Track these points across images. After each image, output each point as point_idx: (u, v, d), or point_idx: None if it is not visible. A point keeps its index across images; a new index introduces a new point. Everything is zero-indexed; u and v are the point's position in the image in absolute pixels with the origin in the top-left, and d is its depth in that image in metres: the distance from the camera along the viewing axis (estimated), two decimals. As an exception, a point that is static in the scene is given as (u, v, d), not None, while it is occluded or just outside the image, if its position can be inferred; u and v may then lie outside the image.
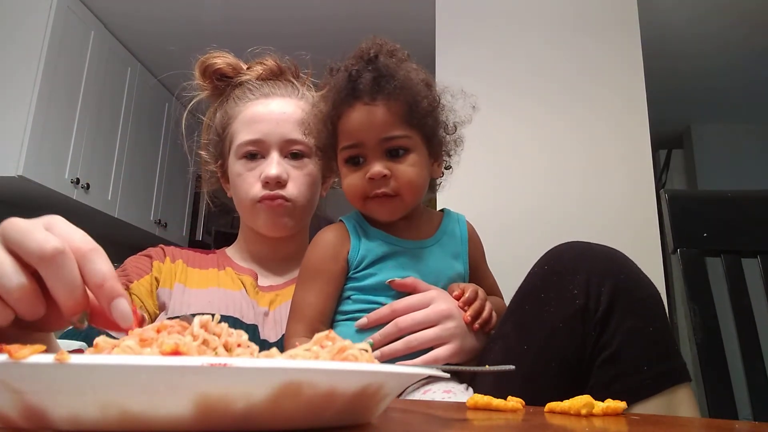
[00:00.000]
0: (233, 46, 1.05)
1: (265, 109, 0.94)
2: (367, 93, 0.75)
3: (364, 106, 0.75)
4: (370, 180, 0.76)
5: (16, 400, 0.28)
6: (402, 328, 0.74)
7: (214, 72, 1.00)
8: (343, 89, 0.76)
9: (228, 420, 0.28)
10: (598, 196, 2.06)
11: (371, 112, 0.75)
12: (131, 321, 0.41)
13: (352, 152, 0.78)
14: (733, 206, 0.93)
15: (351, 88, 0.75)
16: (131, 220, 3.14)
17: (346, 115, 0.77)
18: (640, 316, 0.66)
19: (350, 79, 0.76)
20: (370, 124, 0.75)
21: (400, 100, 0.75)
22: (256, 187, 0.92)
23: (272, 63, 1.01)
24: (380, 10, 2.73)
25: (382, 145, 0.76)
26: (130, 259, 0.95)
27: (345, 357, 0.35)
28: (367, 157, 0.77)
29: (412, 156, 0.77)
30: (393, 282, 0.78)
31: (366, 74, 0.75)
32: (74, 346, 0.79)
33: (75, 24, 2.70)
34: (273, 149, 0.92)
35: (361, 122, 0.75)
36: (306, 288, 0.79)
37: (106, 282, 0.41)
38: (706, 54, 3.10)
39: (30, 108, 2.41)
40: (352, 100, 0.76)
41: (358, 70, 0.76)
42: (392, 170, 0.76)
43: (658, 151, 3.99)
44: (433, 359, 0.73)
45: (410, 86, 0.76)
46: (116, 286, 0.41)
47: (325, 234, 0.82)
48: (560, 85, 2.19)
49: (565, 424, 0.41)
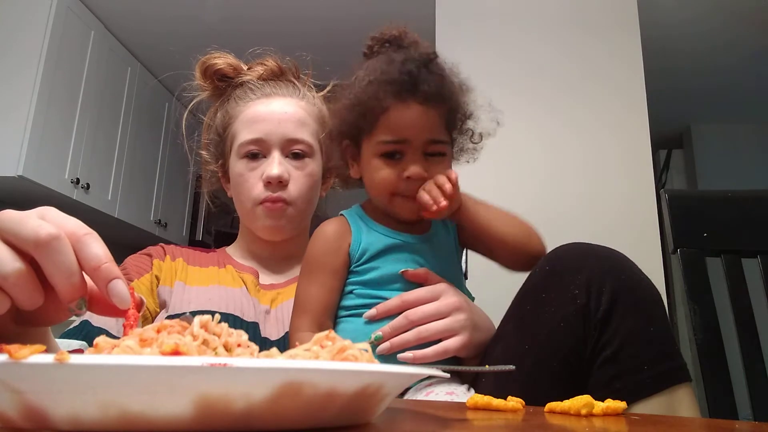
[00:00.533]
0: (233, 45, 1.05)
1: (267, 108, 0.94)
2: (424, 93, 0.75)
3: (419, 105, 0.75)
4: (407, 179, 0.76)
5: (16, 400, 0.28)
6: (412, 320, 0.74)
7: (214, 72, 1.00)
8: (398, 83, 0.75)
9: (228, 420, 0.28)
10: (598, 197, 2.06)
11: (425, 113, 0.75)
12: (129, 302, 0.41)
13: (394, 147, 0.77)
14: (733, 206, 0.93)
15: (410, 84, 0.75)
16: (131, 220, 3.14)
17: (396, 110, 0.75)
18: (640, 316, 0.66)
19: (410, 75, 0.75)
20: (421, 125, 0.75)
21: (447, 106, 0.77)
22: (258, 187, 0.92)
23: (273, 63, 1.01)
24: (380, 10, 2.74)
25: (425, 147, 0.77)
26: (130, 258, 0.95)
27: (345, 357, 0.35)
28: (406, 156, 0.77)
29: (446, 161, 0.79)
30: (406, 272, 0.78)
31: (426, 74, 0.75)
32: (74, 346, 0.79)
33: (75, 24, 2.70)
34: (274, 149, 0.92)
35: (413, 120, 0.75)
36: (309, 281, 0.79)
37: (103, 265, 0.41)
38: (706, 54, 3.10)
39: (30, 108, 2.41)
40: (406, 95, 0.75)
41: (418, 67, 0.75)
42: (430, 173, 0.76)
43: (658, 151, 3.99)
44: (443, 350, 0.73)
45: (456, 93, 0.78)
46: (113, 269, 0.41)
47: (326, 227, 0.82)
48: (560, 86, 2.19)
49: (565, 424, 0.41)
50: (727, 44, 3.01)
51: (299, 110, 0.95)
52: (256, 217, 0.93)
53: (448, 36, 2.29)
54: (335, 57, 0.83)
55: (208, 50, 1.01)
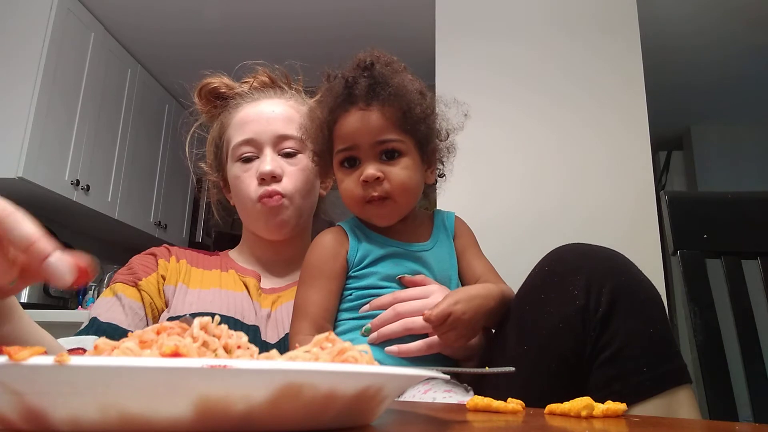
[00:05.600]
0: (233, 48, 1.06)
1: (255, 110, 0.98)
2: (362, 98, 0.78)
3: (360, 110, 0.78)
4: (364, 183, 0.78)
5: (16, 402, 0.28)
6: (399, 313, 0.77)
7: (209, 92, 1.04)
8: (340, 95, 0.79)
9: (228, 422, 0.28)
10: (598, 198, 2.06)
11: (366, 116, 0.78)
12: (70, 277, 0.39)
13: (347, 154, 0.80)
14: (733, 207, 0.93)
15: (347, 93, 0.78)
16: (131, 222, 3.14)
17: (342, 119, 0.79)
18: (640, 317, 0.66)
19: (347, 86, 0.78)
20: (365, 128, 0.78)
21: (394, 106, 0.78)
22: (253, 185, 0.93)
23: (264, 75, 1.04)
24: (380, 9, 2.74)
25: (375, 148, 0.78)
26: (136, 258, 0.97)
27: (345, 359, 0.35)
28: (361, 160, 0.79)
29: (405, 160, 0.80)
30: (403, 278, 0.81)
31: (362, 81, 0.78)
32: (72, 344, 0.79)
33: (75, 26, 2.70)
34: (266, 147, 0.95)
35: (356, 125, 0.78)
36: (308, 286, 0.81)
37: (33, 244, 0.39)
38: (705, 55, 3.10)
39: (30, 109, 2.41)
40: (348, 105, 0.79)
41: (354, 77, 0.79)
42: (385, 173, 0.78)
43: (658, 153, 3.99)
44: (427, 346, 0.75)
45: (404, 93, 0.79)
46: (44, 246, 0.39)
47: (324, 236, 0.85)
48: (560, 87, 2.19)
49: (565, 426, 0.41)
50: (727, 46, 3.01)
51: (288, 108, 0.98)
52: (257, 216, 0.94)
53: (448, 36, 2.30)
54: (331, 63, 0.84)
55: (204, 73, 1.05)
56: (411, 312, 0.76)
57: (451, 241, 0.88)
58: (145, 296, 0.89)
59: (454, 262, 0.86)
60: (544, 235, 1.98)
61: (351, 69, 0.80)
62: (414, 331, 0.76)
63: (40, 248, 0.39)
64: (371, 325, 0.78)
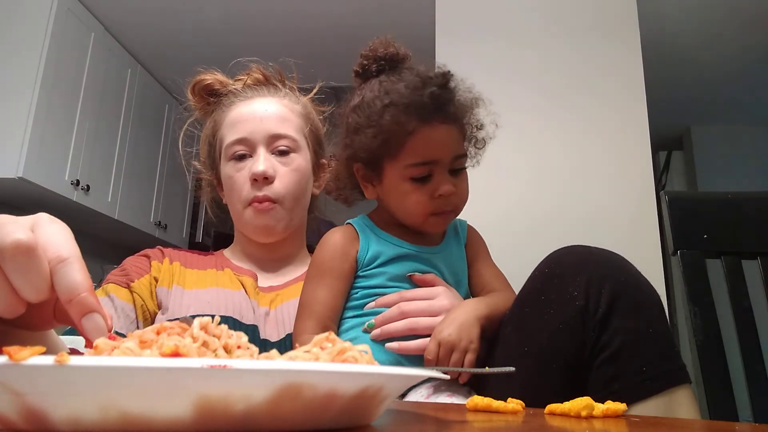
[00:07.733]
0: (233, 48, 1.06)
1: (248, 108, 0.97)
2: (447, 113, 0.77)
3: (444, 125, 0.77)
4: (440, 197, 0.78)
5: (16, 402, 0.28)
6: (403, 311, 0.77)
7: (203, 88, 1.03)
8: (422, 106, 0.76)
9: (228, 422, 0.28)
10: (598, 198, 2.06)
11: (450, 131, 0.78)
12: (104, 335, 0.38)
13: (424, 170, 0.78)
14: (733, 208, 0.93)
15: (433, 106, 0.76)
16: (131, 222, 3.14)
17: (423, 132, 0.76)
18: (639, 317, 0.66)
19: (432, 97, 0.76)
20: (448, 144, 0.78)
21: (461, 121, 0.80)
22: (246, 188, 0.93)
23: (258, 73, 1.03)
24: (380, 9, 2.74)
25: (452, 163, 0.79)
26: (129, 259, 0.96)
27: (345, 359, 0.35)
28: (434, 175, 0.78)
29: (465, 172, 0.82)
30: (414, 276, 0.81)
31: (446, 94, 0.77)
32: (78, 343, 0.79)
33: (75, 26, 2.70)
34: (259, 146, 0.94)
35: (440, 141, 0.77)
36: (315, 284, 0.81)
37: (76, 297, 0.38)
38: (706, 56, 3.10)
39: (30, 109, 2.41)
40: (431, 118, 0.76)
41: (438, 89, 0.77)
42: (456, 187, 0.79)
43: (658, 153, 3.99)
44: (425, 346, 0.75)
45: (472, 107, 0.82)
46: (88, 301, 0.38)
47: (334, 235, 0.84)
48: (561, 88, 2.19)
49: (565, 426, 0.41)
50: (727, 46, 3.01)
51: (281, 107, 0.97)
52: (247, 219, 0.94)
53: (448, 36, 2.30)
54: (336, 53, 0.83)
55: (198, 69, 1.04)
56: (416, 312, 0.77)
57: (462, 248, 0.88)
58: (137, 298, 0.88)
59: (464, 267, 0.87)
60: (544, 235, 1.98)
61: (427, 79, 0.77)
62: (418, 331, 0.76)
63: (82, 303, 0.38)
64: (375, 321, 0.78)
